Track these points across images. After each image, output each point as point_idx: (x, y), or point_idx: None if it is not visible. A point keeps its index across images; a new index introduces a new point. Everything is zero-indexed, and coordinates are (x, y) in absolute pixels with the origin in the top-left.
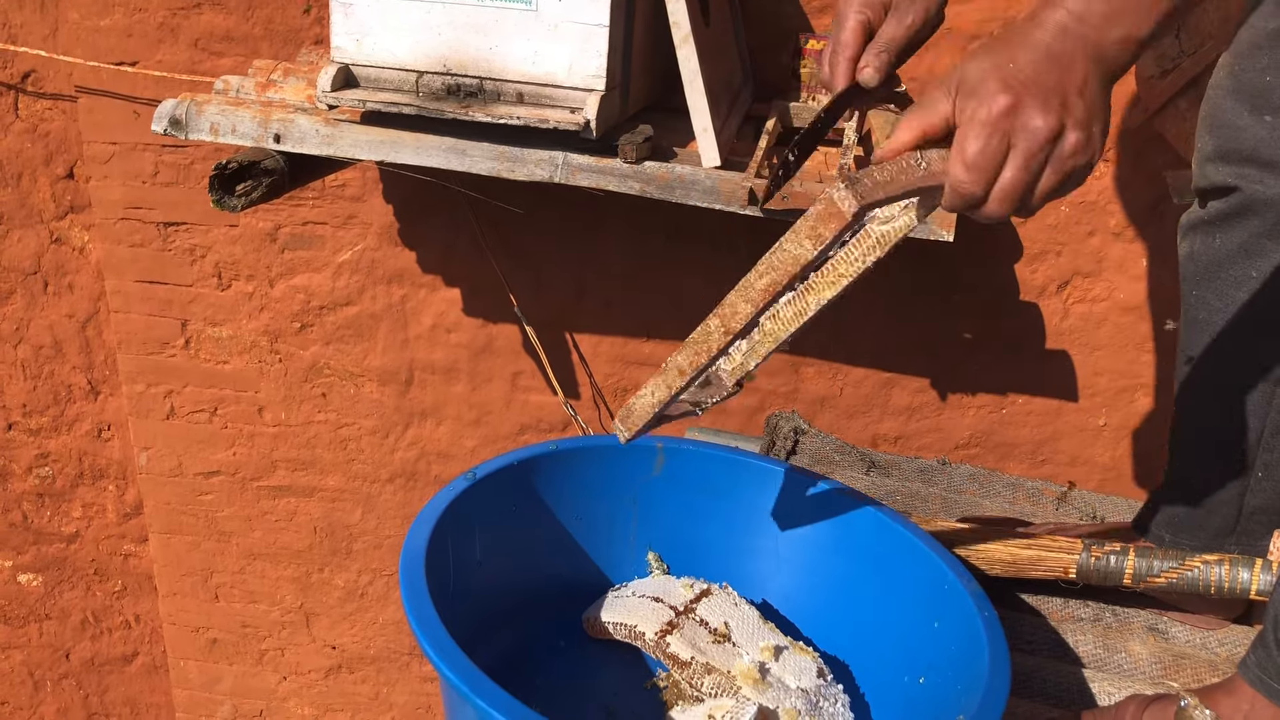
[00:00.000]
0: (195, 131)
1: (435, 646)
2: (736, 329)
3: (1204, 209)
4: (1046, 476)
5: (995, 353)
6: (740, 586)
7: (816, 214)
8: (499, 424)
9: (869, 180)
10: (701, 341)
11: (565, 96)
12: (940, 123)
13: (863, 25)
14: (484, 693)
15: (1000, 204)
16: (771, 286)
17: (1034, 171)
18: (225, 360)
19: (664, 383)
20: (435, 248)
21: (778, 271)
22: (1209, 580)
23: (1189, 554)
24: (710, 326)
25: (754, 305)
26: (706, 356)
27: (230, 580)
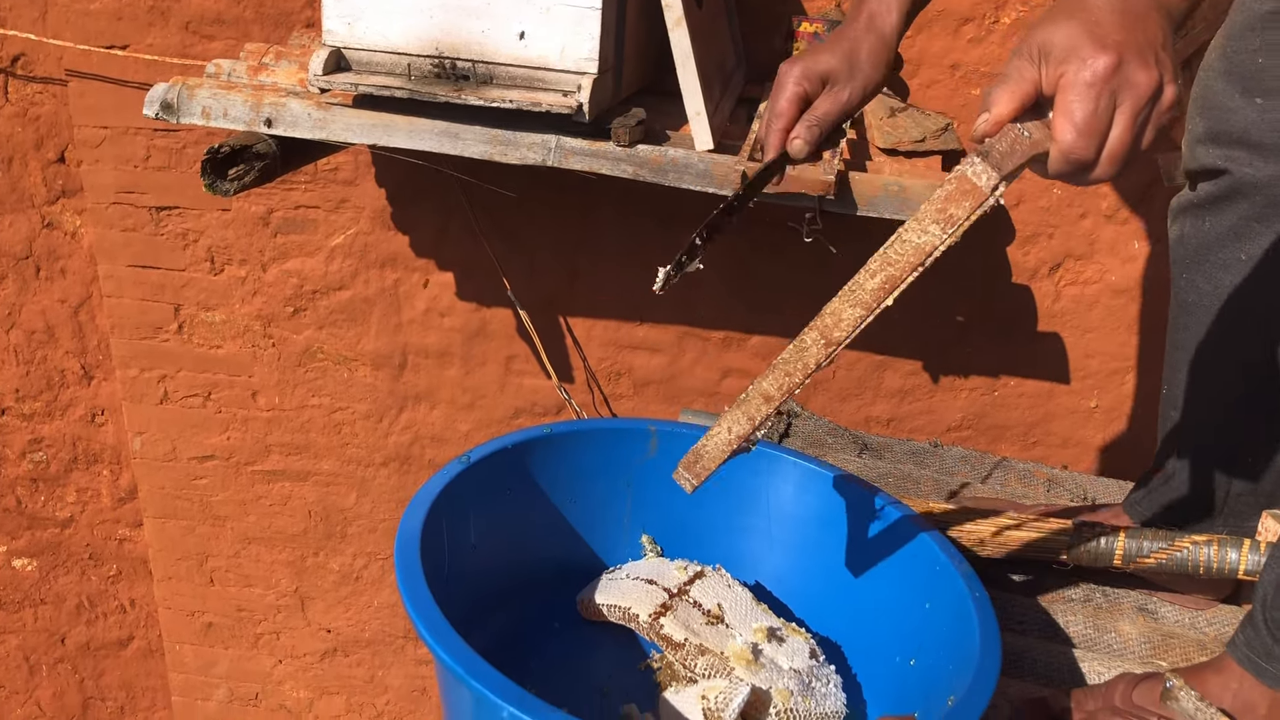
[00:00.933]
0: (187, 115)
1: (430, 629)
2: (840, 339)
3: (1194, 191)
4: (1038, 458)
5: (987, 335)
6: (733, 568)
7: (945, 194)
8: (493, 408)
9: (997, 151)
10: (795, 360)
11: (558, 80)
12: (1033, 90)
13: (799, 97)
14: (479, 674)
15: (1111, 165)
16: (887, 285)
17: (1140, 128)
18: (218, 345)
19: (745, 414)
20: (428, 232)
21: (895, 266)
22: (1198, 561)
23: (1178, 535)
24: (806, 342)
25: (865, 309)
26: (801, 375)
27: (225, 564)
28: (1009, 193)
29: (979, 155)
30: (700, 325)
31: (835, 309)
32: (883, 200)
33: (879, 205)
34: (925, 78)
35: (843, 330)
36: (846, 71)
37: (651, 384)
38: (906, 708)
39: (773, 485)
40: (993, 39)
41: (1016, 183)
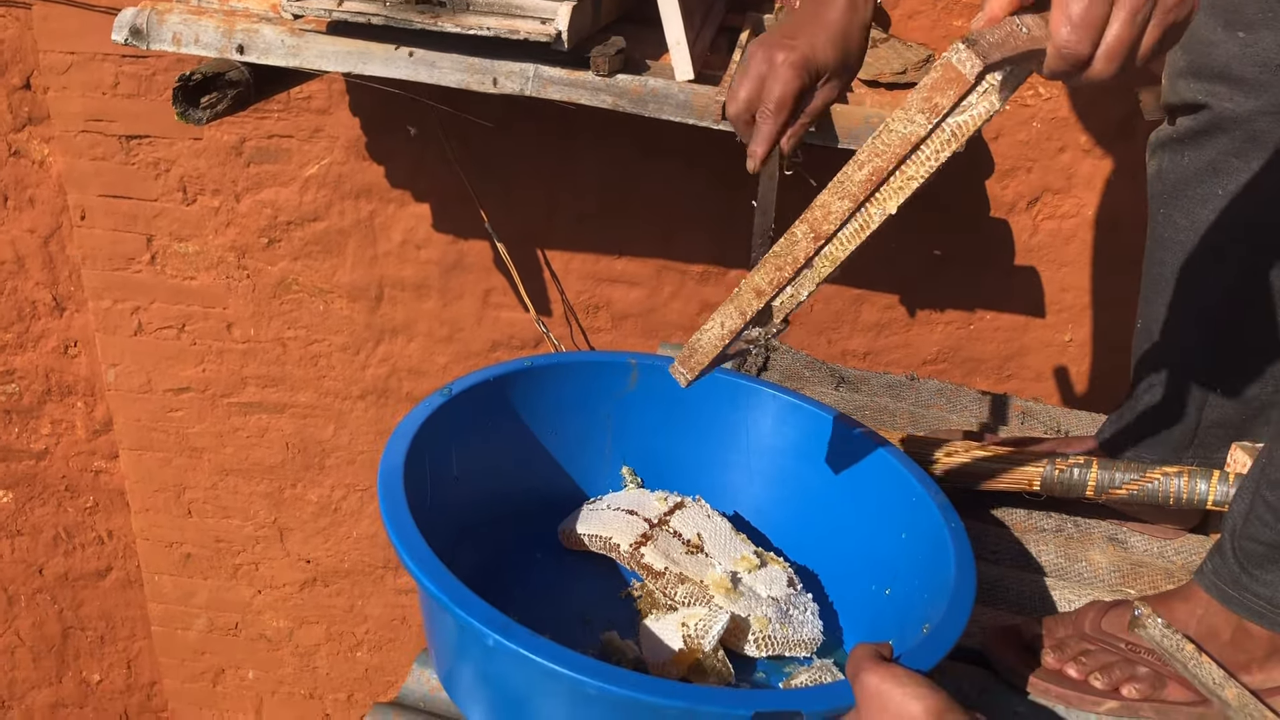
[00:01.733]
0: (157, 42)
1: (415, 558)
2: (829, 232)
3: (1173, 126)
4: (1013, 391)
5: (964, 269)
6: (713, 500)
7: (931, 82)
8: (470, 341)
9: (985, 40)
10: (785, 254)
11: (536, 7)
12: None
13: (799, 92)
14: (464, 602)
15: (1107, 63)
16: (874, 177)
17: (1139, 25)
18: (192, 276)
19: (737, 308)
20: (404, 162)
21: (883, 158)
22: (1168, 492)
23: (1149, 466)
24: (796, 235)
25: (853, 201)
26: (791, 270)
27: (203, 496)
28: (988, 127)
29: (965, 43)
30: (678, 259)
31: (824, 201)
32: (864, 132)
33: (860, 137)
34: (907, 8)
35: (831, 223)
36: (841, 65)
37: (630, 317)
38: (882, 635)
39: (751, 418)
40: None
41: (997, 118)
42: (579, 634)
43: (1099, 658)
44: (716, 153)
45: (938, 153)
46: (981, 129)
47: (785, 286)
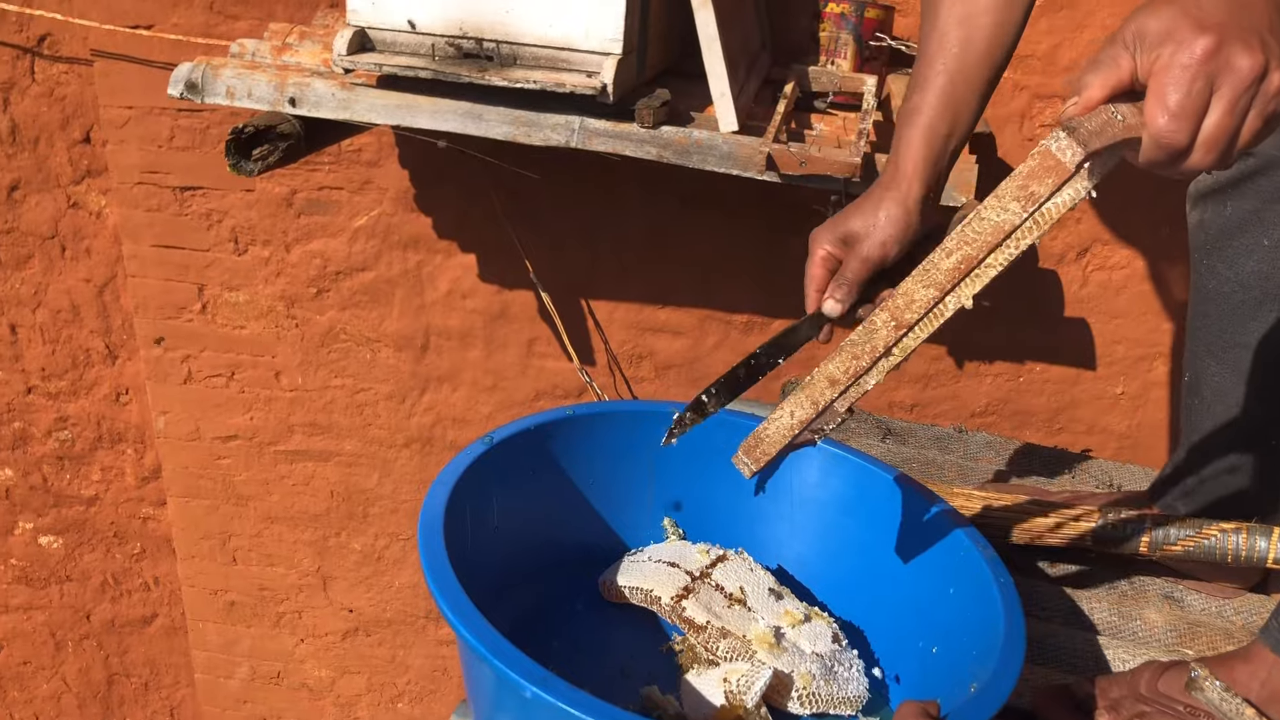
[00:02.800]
0: (211, 95)
1: (454, 608)
2: (911, 321)
3: (1212, 175)
4: (1063, 444)
5: (1013, 320)
6: (756, 552)
7: (1028, 170)
8: (514, 390)
9: (1084, 129)
10: (864, 343)
11: (582, 60)
12: (1127, 77)
13: (826, 259)
14: (502, 654)
15: (1206, 153)
16: (963, 265)
17: (1239, 115)
18: (242, 325)
19: (809, 398)
20: (451, 213)
21: (973, 245)
22: (1226, 549)
23: (1206, 522)
24: (876, 324)
25: (939, 290)
26: (869, 360)
27: (248, 544)
28: None
29: (1065, 130)
30: (722, 309)
31: (908, 289)
32: None
33: None
34: None
35: (914, 312)
36: (865, 231)
37: (674, 367)
38: (929, 693)
39: (796, 469)
40: None
41: None
42: (619, 687)
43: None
44: (759, 203)
45: (1018, 240)
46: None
47: (860, 377)
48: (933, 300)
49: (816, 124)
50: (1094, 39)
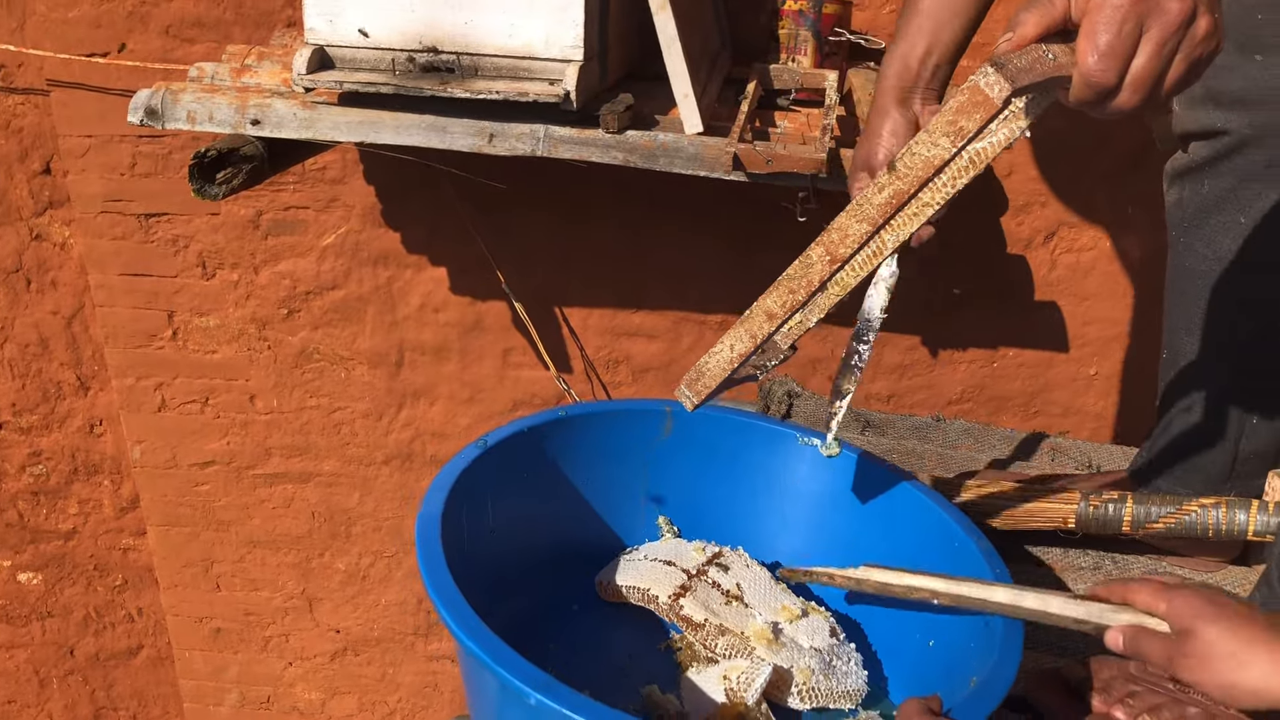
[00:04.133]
0: (172, 121)
1: (458, 619)
2: (845, 255)
3: (1189, 154)
4: (1040, 428)
5: (984, 307)
6: (751, 548)
7: (956, 106)
8: (492, 401)
9: (1013, 65)
10: (799, 277)
11: (544, 69)
12: (1060, 16)
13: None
14: (504, 659)
15: (1133, 93)
16: (894, 200)
17: (1166, 58)
18: (214, 350)
19: (747, 331)
20: (420, 227)
21: (904, 181)
22: (1206, 523)
23: (1186, 498)
24: (811, 258)
25: (871, 225)
26: (805, 293)
27: (231, 569)
28: (1000, 162)
29: (993, 65)
30: (696, 309)
31: (841, 224)
32: None
33: None
34: None
35: (848, 246)
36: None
37: (650, 370)
38: (928, 686)
39: (787, 465)
40: None
41: (1006, 153)
42: (618, 687)
43: (1147, 699)
44: (728, 203)
45: (955, 179)
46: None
47: (796, 312)
48: (865, 234)
49: (780, 121)
50: None
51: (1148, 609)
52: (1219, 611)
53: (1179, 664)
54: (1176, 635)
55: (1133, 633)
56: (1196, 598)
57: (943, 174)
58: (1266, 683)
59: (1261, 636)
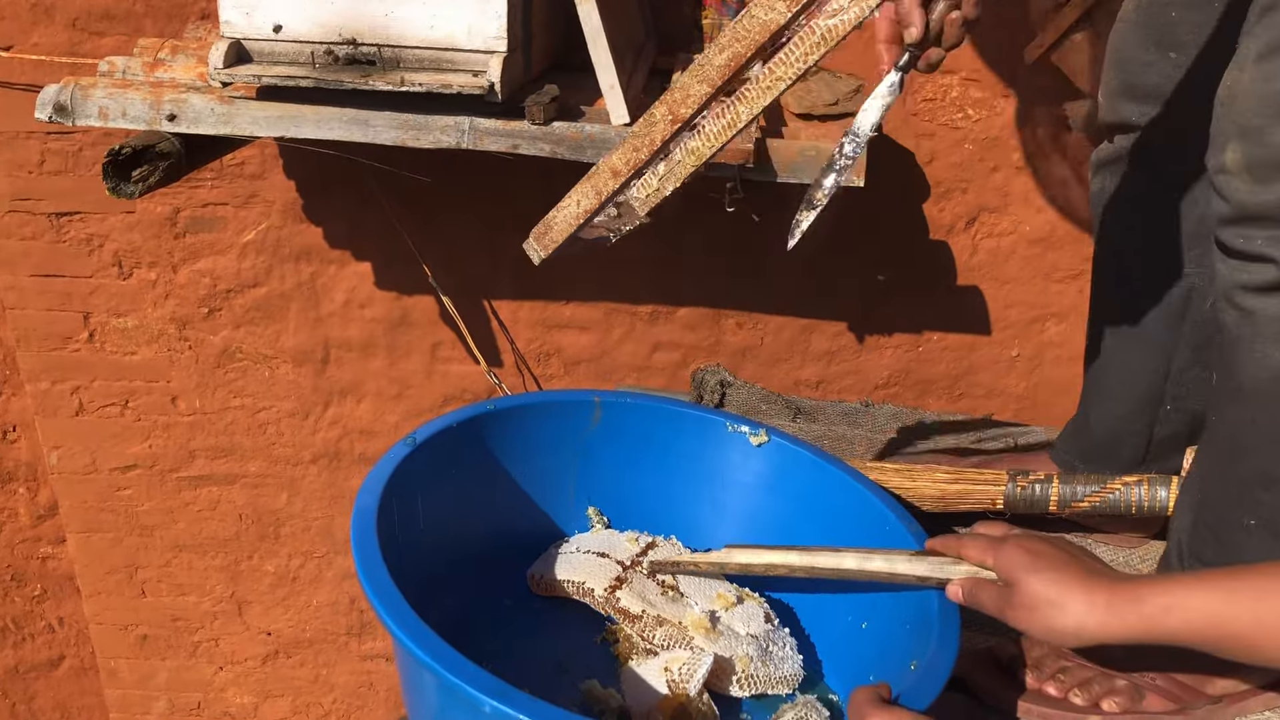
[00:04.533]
0: (83, 117)
1: (409, 631)
2: (686, 116)
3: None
4: (965, 410)
5: (909, 293)
6: (684, 537)
7: None
8: (421, 397)
9: None
10: (643, 134)
11: (467, 60)
12: None
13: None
14: (453, 665)
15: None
16: (733, 62)
17: None
18: (133, 351)
19: (593, 187)
20: (342, 222)
21: (743, 43)
22: (1130, 501)
23: (1109, 477)
24: (655, 116)
25: (710, 86)
26: (648, 152)
27: (156, 574)
28: (921, 150)
29: None
30: (627, 300)
31: (684, 84)
32: (801, 165)
33: (798, 170)
34: None
35: (689, 106)
36: None
37: (582, 362)
38: (863, 669)
39: (718, 453)
40: None
41: (927, 140)
42: (558, 684)
43: (1077, 674)
44: None
45: (806, 55)
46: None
47: (644, 171)
48: (706, 95)
49: None
50: None
51: (979, 562)
52: (1036, 561)
53: (1009, 613)
54: (1004, 586)
55: (970, 585)
56: (1019, 550)
57: (794, 47)
58: (1080, 623)
59: (1075, 581)
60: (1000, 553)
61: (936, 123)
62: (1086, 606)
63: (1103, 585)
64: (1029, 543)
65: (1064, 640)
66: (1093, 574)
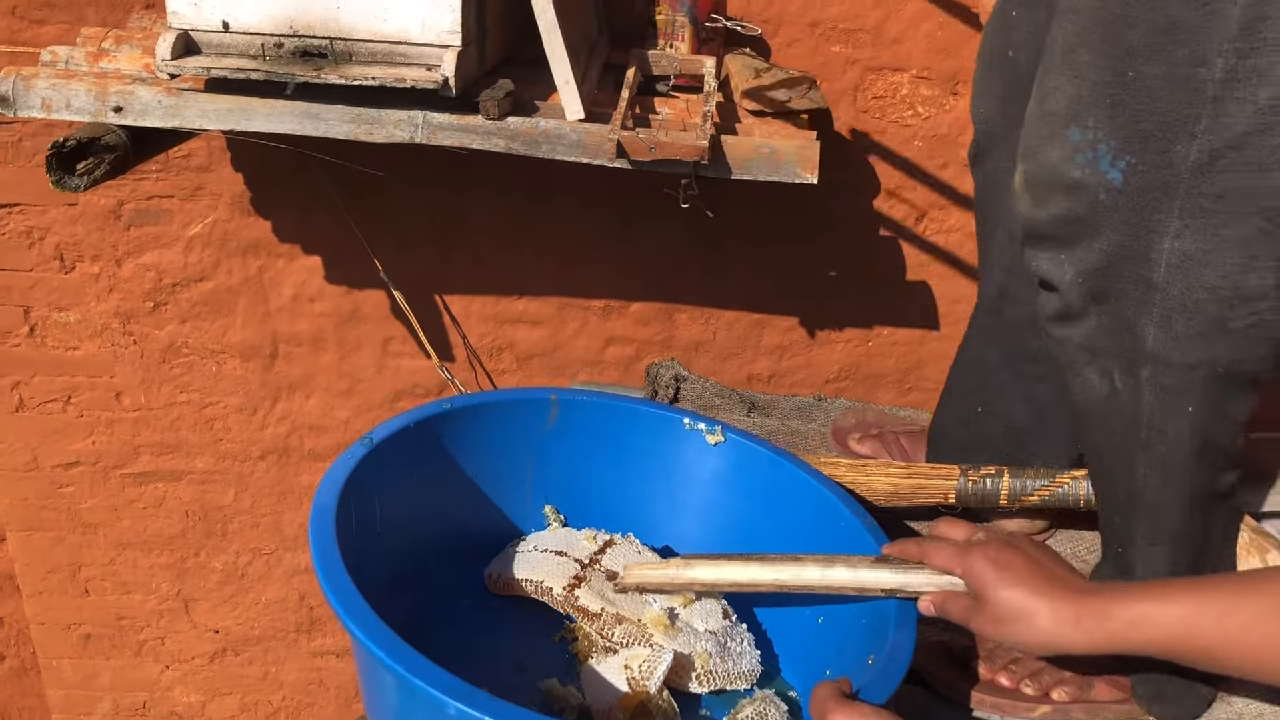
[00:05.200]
0: (25, 109)
1: (359, 622)
2: None
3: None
4: (914, 403)
5: (859, 287)
6: (641, 534)
7: None
8: (371, 392)
9: None
10: None
11: (420, 54)
12: None
13: None
14: (422, 671)
15: None
16: None
17: None
18: (75, 346)
19: None
20: (291, 215)
21: None
22: (1078, 495)
23: (1058, 472)
24: None
25: None
26: None
27: (100, 573)
28: (871, 149)
29: None
30: (580, 295)
31: None
32: (755, 163)
33: (753, 168)
34: (785, 36)
35: None
36: None
37: (535, 357)
38: (820, 663)
39: (674, 450)
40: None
41: (877, 136)
42: (517, 683)
43: (1027, 664)
44: (609, 187)
45: None
46: None
47: None
48: None
49: (661, 108)
50: (919, 9)
51: (945, 569)
52: (1002, 574)
53: (977, 625)
54: (973, 598)
55: (939, 599)
56: (985, 562)
57: None
58: (1049, 637)
59: (1043, 593)
60: (966, 562)
61: (886, 120)
62: (1054, 621)
63: (1070, 598)
64: (994, 551)
65: (1032, 652)
66: (1059, 584)
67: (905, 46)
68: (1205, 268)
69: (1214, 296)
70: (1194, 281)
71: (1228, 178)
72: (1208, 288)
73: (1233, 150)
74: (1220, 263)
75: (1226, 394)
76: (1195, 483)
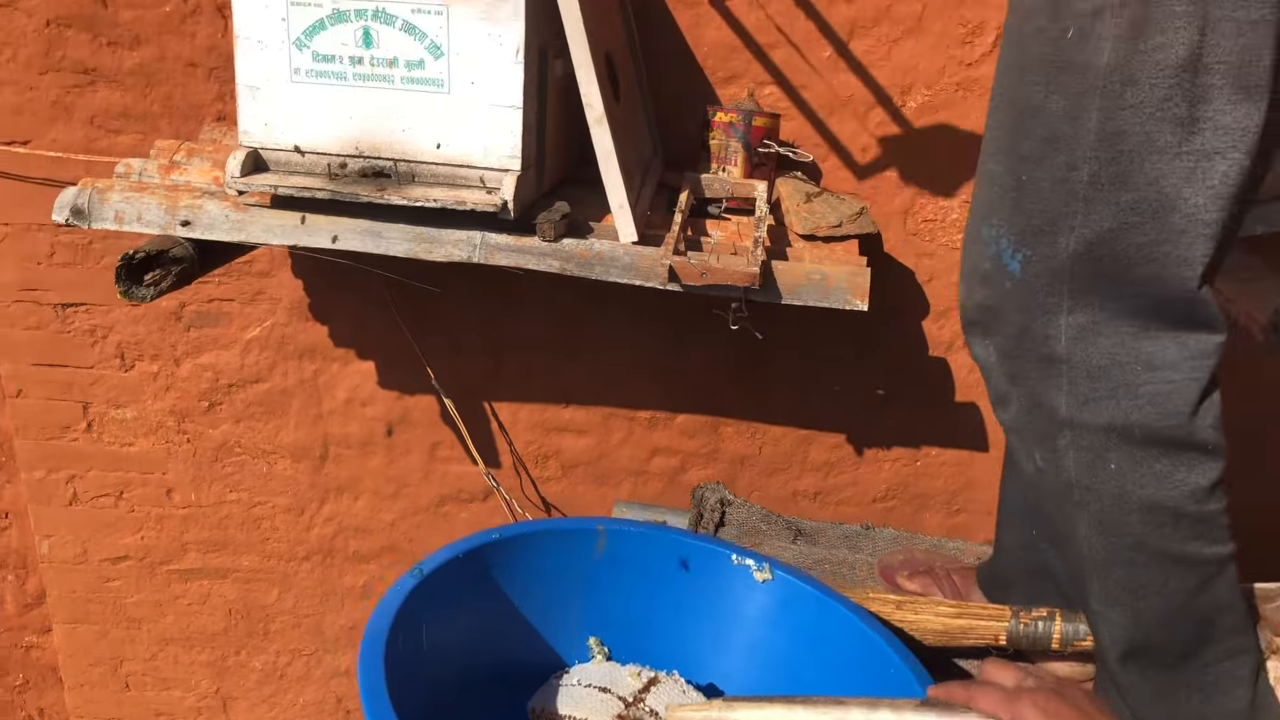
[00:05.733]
0: (99, 220)
1: None
2: None
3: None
4: (962, 525)
5: (907, 407)
6: (685, 670)
7: None
8: (417, 496)
9: None
10: None
11: (481, 176)
12: None
13: None
14: None
15: None
16: None
17: None
18: (130, 442)
19: None
20: (347, 321)
21: None
22: None
23: None
24: None
25: None
26: None
27: (141, 668)
28: (922, 269)
29: None
30: (626, 406)
31: None
32: (806, 289)
33: (803, 293)
34: (836, 160)
35: None
36: None
37: (580, 465)
38: None
39: (720, 585)
40: (900, 123)
41: (927, 259)
42: None
43: None
44: (661, 303)
45: None
46: None
47: None
48: None
49: (713, 230)
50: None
51: (992, 715)
52: None
53: None
54: None
55: None
56: (1035, 711)
57: None
58: None
59: None
60: (1015, 709)
61: (936, 243)
62: None
63: None
64: (1044, 699)
65: None
66: None
67: (956, 173)
68: (1100, 336)
69: (1114, 361)
70: (1093, 349)
71: (1103, 264)
72: (1106, 353)
73: (1102, 244)
74: (1114, 330)
75: (1150, 452)
76: (1138, 539)
